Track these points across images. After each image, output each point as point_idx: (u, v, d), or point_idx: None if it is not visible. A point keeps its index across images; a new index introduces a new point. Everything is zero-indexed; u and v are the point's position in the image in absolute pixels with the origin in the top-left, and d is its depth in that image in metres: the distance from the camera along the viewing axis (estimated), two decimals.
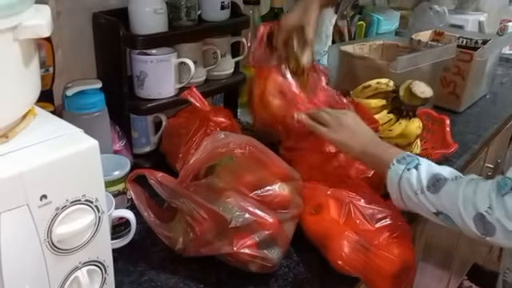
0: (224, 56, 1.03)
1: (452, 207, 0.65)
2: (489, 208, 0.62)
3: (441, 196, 0.66)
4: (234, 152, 0.68)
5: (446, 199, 0.65)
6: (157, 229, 0.69)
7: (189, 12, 0.95)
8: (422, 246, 1.10)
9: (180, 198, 0.67)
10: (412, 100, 0.95)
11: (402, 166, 0.69)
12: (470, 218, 0.63)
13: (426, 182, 0.67)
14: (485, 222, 0.62)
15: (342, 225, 0.70)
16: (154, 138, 0.96)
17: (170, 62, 0.89)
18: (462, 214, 0.64)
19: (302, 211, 0.75)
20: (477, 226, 0.63)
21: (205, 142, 0.67)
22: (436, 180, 0.67)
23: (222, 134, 0.68)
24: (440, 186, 0.66)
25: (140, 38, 0.84)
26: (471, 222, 0.63)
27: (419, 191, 0.67)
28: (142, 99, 0.90)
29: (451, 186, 0.66)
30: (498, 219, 0.61)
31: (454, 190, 0.65)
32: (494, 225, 0.62)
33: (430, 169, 0.69)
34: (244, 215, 0.66)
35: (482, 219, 0.62)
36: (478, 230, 0.63)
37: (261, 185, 0.71)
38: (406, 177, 0.68)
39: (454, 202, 0.64)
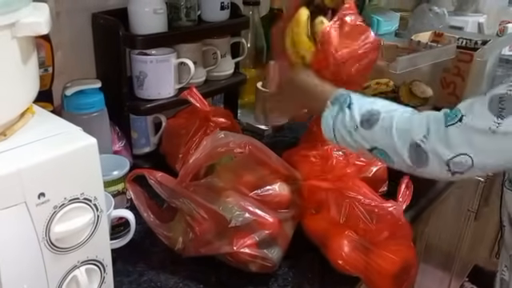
0: (224, 56, 1.03)
1: (386, 140, 0.63)
2: (424, 137, 0.59)
3: (375, 130, 0.64)
4: (234, 151, 0.67)
5: (380, 133, 0.63)
6: (156, 229, 0.68)
7: (188, 12, 0.95)
8: (422, 247, 1.10)
9: (180, 198, 0.67)
10: (411, 100, 0.95)
11: (336, 107, 0.67)
12: (404, 148, 0.61)
13: (360, 118, 0.65)
14: (418, 151, 0.60)
15: (342, 224, 0.69)
16: (153, 138, 0.96)
17: (170, 63, 0.89)
18: (395, 144, 0.61)
19: (302, 211, 0.75)
20: (410, 155, 0.61)
21: (204, 142, 0.67)
22: (370, 115, 0.65)
23: (221, 133, 0.68)
24: (373, 120, 0.64)
25: (139, 38, 0.84)
26: (405, 152, 0.61)
27: (353, 129, 0.65)
28: (141, 100, 0.90)
29: (385, 118, 0.64)
30: (434, 148, 0.59)
31: (388, 122, 0.63)
32: (428, 154, 0.59)
33: (363, 103, 0.67)
34: (244, 215, 0.65)
35: (416, 148, 0.60)
36: (410, 160, 0.61)
37: (261, 184, 0.71)
38: (340, 118, 0.66)
39: (389, 134, 0.62)
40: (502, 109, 0.54)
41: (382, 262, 0.64)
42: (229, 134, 0.69)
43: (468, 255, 1.72)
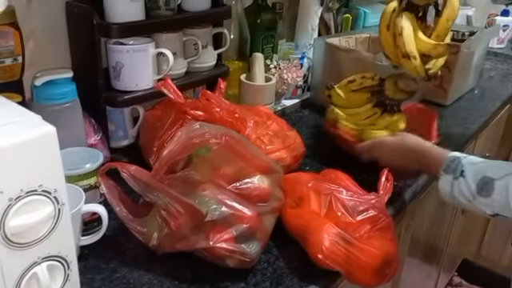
0: (205, 47, 1.00)
1: (505, 206, 0.66)
2: None
3: (493, 199, 0.68)
4: (210, 142, 0.65)
5: (498, 200, 0.67)
6: (129, 224, 0.66)
7: (168, 1, 0.92)
8: (408, 240, 1.08)
9: (154, 192, 0.64)
10: (397, 94, 0.93)
11: (450, 175, 0.72)
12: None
13: (475, 188, 0.69)
14: None
15: (322, 217, 0.67)
16: (131, 130, 0.93)
17: (148, 53, 0.86)
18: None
19: (282, 204, 0.73)
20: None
21: (179, 133, 0.64)
22: (484, 183, 0.69)
23: (197, 124, 0.65)
24: (489, 188, 0.68)
25: (114, 26, 0.81)
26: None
27: (471, 198, 0.70)
28: (118, 91, 0.87)
29: (500, 186, 0.67)
30: None
31: (503, 190, 0.67)
32: None
33: (475, 171, 0.70)
34: (221, 208, 0.63)
35: None
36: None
37: (239, 177, 0.69)
38: (456, 186, 0.71)
39: (506, 202, 0.66)
40: None
41: (363, 256, 0.62)
42: (204, 124, 0.66)
43: (456, 249, 1.72)
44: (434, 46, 0.88)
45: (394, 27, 0.88)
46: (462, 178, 0.71)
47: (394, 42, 0.89)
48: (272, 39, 1.23)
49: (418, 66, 0.87)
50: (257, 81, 1.11)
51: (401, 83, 0.92)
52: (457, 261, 1.84)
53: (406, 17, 0.87)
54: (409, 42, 0.86)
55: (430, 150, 0.79)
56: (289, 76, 1.15)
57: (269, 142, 0.86)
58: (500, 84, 1.57)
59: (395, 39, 0.88)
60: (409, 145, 0.82)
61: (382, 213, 0.68)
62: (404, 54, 0.86)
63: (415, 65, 0.86)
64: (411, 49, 0.86)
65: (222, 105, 0.87)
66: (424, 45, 0.88)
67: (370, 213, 0.67)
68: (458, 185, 0.71)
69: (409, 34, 0.86)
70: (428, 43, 0.88)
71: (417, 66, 0.87)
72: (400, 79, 0.93)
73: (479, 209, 0.71)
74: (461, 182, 0.71)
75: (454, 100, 1.35)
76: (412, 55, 0.86)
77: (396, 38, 0.87)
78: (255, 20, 1.19)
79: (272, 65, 1.16)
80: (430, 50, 0.87)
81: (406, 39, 0.86)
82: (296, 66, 1.18)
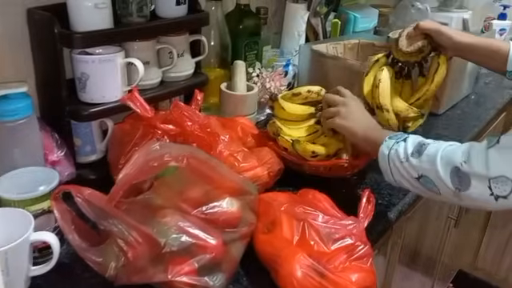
0: (182, 55, 0.95)
1: (431, 167, 0.66)
2: (464, 161, 0.63)
3: (422, 159, 0.68)
4: (169, 165, 0.59)
5: (427, 160, 0.67)
6: (83, 253, 0.60)
7: (141, 8, 0.87)
8: (395, 258, 1.03)
9: (109, 219, 0.59)
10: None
11: (393, 140, 0.73)
12: (447, 174, 0.65)
13: (411, 149, 0.69)
14: (459, 174, 0.63)
15: (294, 246, 0.62)
16: (100, 145, 0.87)
17: (115, 63, 0.81)
18: (439, 171, 0.65)
19: (254, 229, 0.67)
20: (452, 180, 0.64)
21: (136, 155, 0.59)
22: (420, 146, 0.69)
23: (156, 144, 0.60)
24: (423, 150, 0.68)
25: (77, 35, 0.76)
26: (447, 177, 0.64)
27: (404, 159, 0.70)
28: (84, 103, 0.81)
29: (432, 148, 0.68)
30: (474, 170, 0.61)
31: (434, 151, 0.67)
32: (469, 176, 0.62)
33: (417, 138, 0.72)
34: (180, 238, 0.58)
35: (456, 172, 0.63)
36: (452, 185, 0.64)
37: (205, 201, 0.64)
38: (395, 149, 0.71)
39: (433, 161, 0.66)
40: None
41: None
42: (166, 145, 0.61)
43: (451, 261, 1.66)
44: (406, 109, 0.90)
45: (374, 79, 0.91)
46: (403, 142, 0.71)
47: (372, 92, 0.91)
48: (255, 46, 1.18)
49: (391, 120, 0.89)
50: (238, 90, 1.06)
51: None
52: (452, 272, 1.79)
53: (386, 71, 0.90)
54: (384, 95, 0.88)
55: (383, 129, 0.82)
56: (272, 85, 1.09)
57: (243, 159, 0.81)
58: (496, 91, 1.51)
59: (373, 90, 0.90)
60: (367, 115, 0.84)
61: (360, 240, 0.63)
62: (378, 105, 0.89)
63: (388, 118, 0.88)
64: (385, 102, 0.88)
65: (195, 118, 0.81)
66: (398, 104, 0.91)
67: (347, 241, 0.62)
68: (397, 147, 0.71)
69: (385, 87, 0.89)
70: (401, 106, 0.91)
71: (389, 120, 0.88)
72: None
73: (407, 171, 0.69)
74: (400, 145, 0.71)
75: (447, 108, 1.29)
76: (385, 108, 0.88)
77: (373, 89, 0.90)
78: (237, 26, 1.13)
79: (254, 73, 1.11)
80: (401, 111, 0.90)
81: (381, 92, 0.88)
82: (280, 74, 1.12)
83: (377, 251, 0.88)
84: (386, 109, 0.88)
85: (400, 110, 0.89)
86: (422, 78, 0.92)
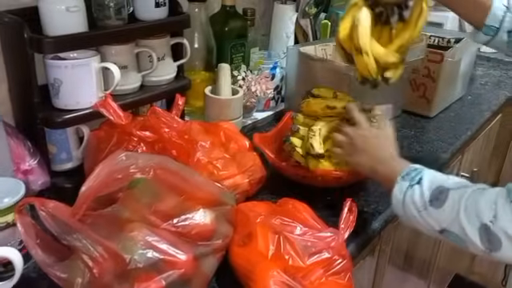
0: (162, 59, 0.92)
1: (454, 221, 0.60)
2: (493, 217, 0.56)
3: (444, 210, 0.61)
4: (134, 177, 0.56)
5: (449, 213, 0.60)
6: (47, 269, 0.57)
7: (118, 10, 0.84)
8: (386, 258, 1.00)
9: (73, 234, 0.56)
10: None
11: (406, 182, 0.66)
12: (475, 231, 0.58)
13: (429, 196, 0.62)
14: (489, 233, 0.57)
15: (269, 261, 0.59)
16: (77, 152, 0.85)
17: (90, 67, 0.78)
18: (465, 227, 0.58)
19: (229, 241, 0.65)
20: (481, 239, 0.58)
21: (100, 166, 0.56)
22: (439, 192, 0.62)
23: (122, 155, 0.57)
24: (443, 199, 0.61)
25: (47, 40, 0.73)
26: (476, 235, 0.58)
27: (422, 208, 0.63)
28: (57, 110, 0.79)
29: (454, 197, 0.61)
30: (503, 228, 0.56)
31: (456, 202, 0.60)
32: (498, 236, 0.56)
33: (434, 180, 0.64)
34: (147, 254, 0.55)
35: (486, 230, 0.57)
36: (482, 244, 0.58)
37: (177, 213, 0.61)
38: (410, 194, 0.64)
39: (457, 215, 0.59)
40: None
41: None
42: (133, 155, 0.58)
43: (447, 265, 1.63)
44: (385, 53, 0.79)
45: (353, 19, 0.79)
46: (418, 186, 0.64)
47: (351, 34, 0.79)
48: (242, 48, 1.15)
49: (370, 65, 0.77)
50: (222, 94, 1.03)
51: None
52: (448, 277, 1.76)
53: (366, 11, 0.78)
54: (364, 36, 0.77)
55: (397, 156, 0.74)
56: (257, 88, 1.07)
57: (223, 167, 0.78)
58: (491, 92, 1.48)
59: (351, 31, 0.79)
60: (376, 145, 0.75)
61: (338, 254, 0.60)
62: (357, 47, 0.77)
63: (367, 62, 0.77)
64: (365, 43, 0.77)
65: (173, 124, 0.79)
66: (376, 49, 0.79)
67: (324, 255, 0.59)
68: (412, 192, 0.64)
69: (365, 27, 0.77)
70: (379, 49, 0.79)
71: (368, 64, 0.77)
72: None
73: (428, 223, 0.63)
74: (415, 189, 0.64)
75: (440, 111, 1.26)
76: (364, 50, 0.77)
77: (352, 31, 0.78)
78: (222, 28, 1.11)
79: (240, 76, 1.08)
80: (380, 56, 0.79)
81: (360, 32, 0.77)
82: (266, 76, 1.09)
83: (362, 261, 0.85)
84: (366, 51, 0.76)
85: (379, 55, 0.78)
86: (401, 24, 0.81)
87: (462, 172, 1.29)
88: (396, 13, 0.81)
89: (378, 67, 0.79)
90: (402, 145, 1.05)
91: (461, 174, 1.29)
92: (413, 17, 0.80)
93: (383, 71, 0.80)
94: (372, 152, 0.75)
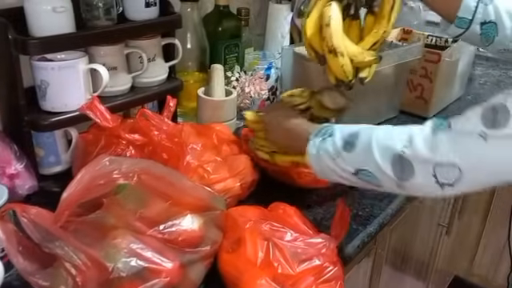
0: (153, 60, 0.91)
1: (368, 158, 0.59)
2: (405, 147, 0.56)
3: (357, 152, 0.60)
4: (117, 183, 0.55)
5: (362, 152, 0.60)
6: (29, 277, 0.55)
7: (107, 10, 0.82)
8: (382, 262, 0.98)
9: (55, 241, 0.54)
10: (322, 112, 0.79)
11: (319, 138, 0.66)
12: (387, 162, 0.57)
13: (342, 143, 0.62)
14: (402, 161, 0.56)
15: (258, 268, 0.57)
16: (65, 155, 0.83)
17: (77, 69, 0.76)
18: (377, 161, 0.58)
19: (218, 247, 0.63)
20: (394, 169, 0.57)
21: (82, 171, 0.54)
22: (350, 136, 0.62)
23: (106, 159, 0.55)
24: (354, 141, 0.61)
25: (32, 41, 0.71)
26: (388, 165, 0.57)
27: (336, 156, 0.62)
28: (44, 112, 0.77)
29: (366, 134, 0.60)
30: (418, 154, 0.55)
31: (367, 139, 0.60)
32: (412, 163, 0.55)
33: (345, 129, 0.64)
34: (130, 262, 0.53)
35: (399, 160, 0.56)
36: (394, 174, 0.57)
37: (163, 219, 0.59)
38: (323, 147, 0.64)
39: (369, 151, 0.58)
40: (494, 119, 0.51)
41: None
42: (118, 160, 0.57)
43: (447, 266, 1.62)
44: (360, 52, 0.73)
45: (323, 17, 0.72)
46: (330, 137, 0.64)
47: (320, 33, 0.72)
48: (236, 48, 1.13)
49: (346, 65, 0.71)
50: (215, 95, 1.01)
51: (326, 99, 0.78)
52: (447, 279, 1.74)
53: (336, 6, 0.71)
54: (337, 35, 0.70)
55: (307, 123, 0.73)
56: (251, 89, 1.05)
57: (214, 170, 0.76)
58: (490, 92, 1.46)
59: (321, 30, 0.72)
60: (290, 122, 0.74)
61: (330, 261, 0.58)
62: (330, 48, 0.70)
63: (343, 63, 0.71)
64: (339, 43, 0.70)
65: (163, 126, 0.77)
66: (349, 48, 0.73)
67: (315, 262, 0.57)
68: (325, 144, 0.64)
69: (338, 25, 0.71)
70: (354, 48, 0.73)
71: (344, 65, 0.71)
72: (325, 95, 0.79)
73: (342, 168, 0.62)
74: (327, 141, 0.64)
75: (438, 112, 1.24)
76: (339, 51, 0.70)
77: (323, 30, 0.71)
78: (216, 28, 1.09)
79: (233, 77, 1.06)
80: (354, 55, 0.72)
81: (334, 31, 0.70)
82: (260, 77, 1.07)
83: (357, 266, 0.84)
84: (341, 52, 0.70)
85: (354, 54, 0.72)
86: (371, 17, 0.75)
87: None
88: (365, 5, 0.75)
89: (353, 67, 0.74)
90: None
91: None
92: (385, 10, 0.73)
93: (357, 71, 0.75)
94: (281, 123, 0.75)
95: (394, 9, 0.73)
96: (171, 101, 0.84)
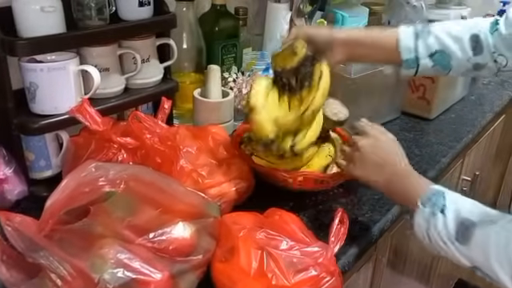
0: (147, 61, 0.88)
1: (486, 263, 0.56)
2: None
3: (471, 248, 0.57)
4: (102, 191, 0.52)
5: (478, 253, 0.56)
6: None
7: (100, 10, 0.80)
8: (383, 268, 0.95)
9: (40, 251, 0.52)
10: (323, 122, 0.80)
11: (428, 209, 0.61)
12: (509, 278, 0.53)
13: (454, 232, 0.58)
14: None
15: (251, 278, 0.55)
16: (56, 159, 0.81)
17: (67, 70, 0.74)
18: (497, 273, 0.54)
19: (211, 256, 0.60)
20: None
21: (67, 178, 0.52)
22: (465, 228, 0.58)
23: (92, 165, 0.53)
24: (469, 235, 0.57)
25: (20, 42, 0.69)
26: (508, 279, 0.53)
27: (449, 242, 0.59)
28: (34, 115, 0.75)
29: (481, 236, 0.56)
30: None
31: (485, 243, 0.56)
32: None
33: (458, 213, 0.59)
34: (117, 273, 0.51)
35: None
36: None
37: (153, 227, 0.57)
38: (433, 223, 0.60)
39: (487, 259, 0.55)
40: None
41: None
42: (105, 166, 0.54)
43: (450, 270, 1.58)
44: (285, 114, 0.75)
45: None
46: (442, 216, 0.59)
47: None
48: (234, 48, 1.11)
49: (265, 122, 0.72)
50: (212, 96, 0.99)
51: (328, 110, 0.80)
52: (450, 283, 1.71)
53: (264, 79, 0.78)
54: (257, 95, 0.74)
55: (413, 173, 0.67)
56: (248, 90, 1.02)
57: (208, 175, 0.74)
58: (494, 92, 1.43)
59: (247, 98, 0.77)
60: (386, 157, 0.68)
61: (327, 271, 0.56)
62: (250, 107, 0.73)
63: (260, 120, 0.72)
64: (256, 103, 0.73)
65: (156, 129, 0.75)
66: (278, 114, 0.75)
67: (311, 272, 0.55)
68: (436, 222, 0.60)
69: (259, 88, 0.75)
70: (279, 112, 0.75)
71: (263, 121, 0.72)
72: (327, 105, 0.80)
73: (456, 257, 0.59)
74: (439, 219, 0.59)
75: (440, 112, 1.21)
76: (257, 109, 0.72)
77: (248, 96, 0.76)
78: (213, 27, 1.06)
79: (230, 78, 1.04)
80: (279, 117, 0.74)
81: (253, 92, 0.74)
82: None
83: (356, 274, 0.81)
84: (259, 110, 0.72)
85: (277, 116, 0.74)
86: (306, 90, 0.76)
87: (463, 176, 1.25)
88: (299, 82, 0.76)
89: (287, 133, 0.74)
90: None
91: (462, 177, 1.25)
92: (314, 81, 0.75)
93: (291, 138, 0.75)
94: (381, 164, 0.67)
95: (322, 79, 0.75)
96: (166, 102, 0.82)
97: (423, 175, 0.92)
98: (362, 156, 0.68)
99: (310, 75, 0.75)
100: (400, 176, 0.66)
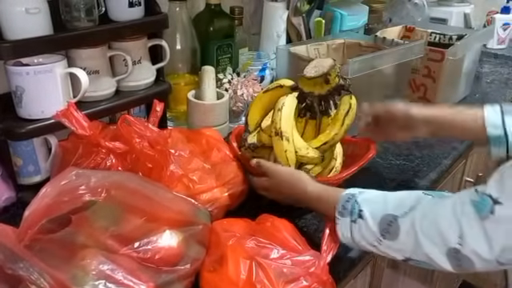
0: (139, 62, 0.86)
1: (417, 249, 0.55)
2: (460, 238, 0.52)
3: (400, 240, 0.56)
4: (82, 200, 0.50)
5: (407, 241, 0.56)
6: None
7: (89, 11, 0.78)
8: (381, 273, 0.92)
9: (20, 262, 0.50)
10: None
11: (347, 218, 0.60)
12: (442, 256, 0.53)
13: (379, 230, 0.58)
14: (459, 256, 0.52)
15: None
16: (45, 164, 0.79)
17: (54, 73, 0.72)
18: (429, 254, 0.54)
19: (200, 265, 0.58)
20: (451, 262, 0.53)
21: (47, 186, 0.50)
22: (387, 224, 0.57)
23: (73, 172, 0.51)
24: (394, 230, 0.56)
25: (4, 45, 0.67)
26: (444, 260, 0.54)
27: (376, 242, 0.58)
28: (21, 120, 0.73)
29: (406, 224, 0.56)
30: (475, 250, 0.51)
31: (411, 229, 0.55)
32: (470, 258, 0.51)
33: (374, 211, 0.59)
34: (99, 285, 0.49)
35: (455, 254, 0.52)
36: (453, 267, 0.54)
37: (139, 236, 0.55)
38: (357, 231, 0.60)
39: (416, 242, 0.55)
40: None
41: None
42: (86, 173, 0.52)
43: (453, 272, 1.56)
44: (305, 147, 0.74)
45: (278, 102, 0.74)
46: (361, 220, 0.59)
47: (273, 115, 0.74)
48: (229, 49, 1.08)
49: (289, 152, 0.72)
50: (206, 98, 0.97)
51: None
52: (454, 285, 1.68)
53: (292, 98, 0.74)
54: (287, 120, 0.72)
55: (321, 192, 0.67)
56: (244, 91, 1.00)
57: (200, 180, 0.72)
58: (498, 91, 1.40)
59: (274, 113, 0.74)
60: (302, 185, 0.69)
61: (319, 281, 0.54)
62: (277, 131, 0.71)
63: (286, 148, 0.71)
64: (286, 129, 0.71)
65: (146, 133, 0.72)
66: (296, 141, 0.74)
67: (302, 283, 0.53)
68: (359, 228, 0.59)
69: (288, 113, 0.73)
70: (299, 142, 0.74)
71: (288, 151, 0.71)
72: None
73: (388, 254, 0.59)
74: (360, 224, 0.59)
75: None
76: (285, 136, 0.71)
77: (274, 113, 0.74)
78: (207, 28, 1.04)
79: (225, 79, 1.01)
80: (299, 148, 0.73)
81: (284, 116, 0.72)
82: (254, 79, 1.03)
83: (353, 281, 0.79)
84: (287, 137, 0.71)
85: (298, 147, 0.73)
86: (327, 119, 0.76)
87: (466, 177, 1.22)
88: (322, 108, 0.75)
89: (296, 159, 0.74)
90: (400, 152, 0.98)
91: (465, 178, 1.22)
92: (340, 114, 0.75)
93: (300, 165, 0.75)
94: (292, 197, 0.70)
95: (349, 115, 0.74)
96: (158, 105, 0.80)
97: (424, 178, 0.91)
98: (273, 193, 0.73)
99: (335, 105, 0.75)
100: (310, 200, 0.67)
